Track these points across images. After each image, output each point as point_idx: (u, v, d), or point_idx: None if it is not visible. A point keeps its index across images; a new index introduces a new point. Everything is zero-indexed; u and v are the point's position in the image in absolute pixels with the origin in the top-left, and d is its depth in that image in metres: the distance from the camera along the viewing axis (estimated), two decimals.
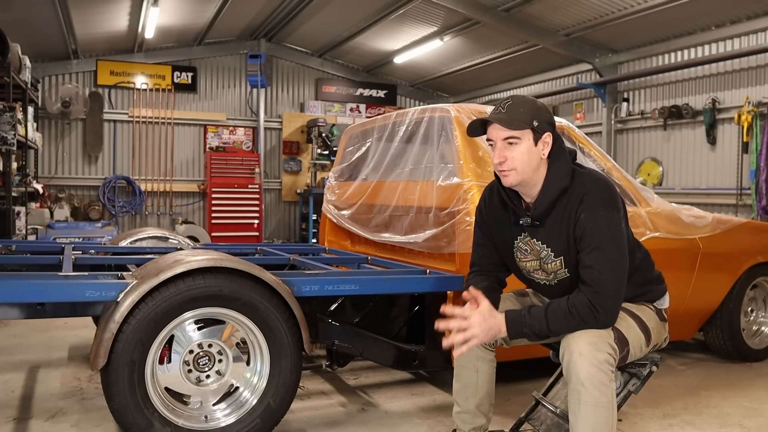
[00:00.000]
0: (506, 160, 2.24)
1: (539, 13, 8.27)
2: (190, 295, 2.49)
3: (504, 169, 2.26)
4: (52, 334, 4.73)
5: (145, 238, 4.46)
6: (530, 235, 2.36)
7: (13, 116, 6.05)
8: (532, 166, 2.26)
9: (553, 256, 2.32)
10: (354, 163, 4.40)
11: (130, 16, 8.73)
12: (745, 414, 3.30)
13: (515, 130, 2.22)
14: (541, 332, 2.19)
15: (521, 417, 2.67)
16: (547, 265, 2.35)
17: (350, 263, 3.83)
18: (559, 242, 2.29)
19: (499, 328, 2.20)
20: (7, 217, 6.17)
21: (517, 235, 2.41)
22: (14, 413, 3.11)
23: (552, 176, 2.28)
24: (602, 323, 2.15)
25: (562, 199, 2.27)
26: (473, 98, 12.09)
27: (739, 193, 7.42)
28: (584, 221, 2.20)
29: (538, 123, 2.24)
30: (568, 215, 2.25)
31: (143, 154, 10.70)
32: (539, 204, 2.29)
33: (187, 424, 2.57)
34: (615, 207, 2.23)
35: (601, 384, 2.06)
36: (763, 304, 4.41)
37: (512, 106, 2.25)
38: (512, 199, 2.37)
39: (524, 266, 2.44)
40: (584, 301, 2.14)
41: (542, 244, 2.34)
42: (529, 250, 2.39)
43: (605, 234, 2.18)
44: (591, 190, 2.24)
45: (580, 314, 2.13)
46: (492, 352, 2.49)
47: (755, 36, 7.29)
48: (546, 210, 2.29)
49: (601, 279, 2.14)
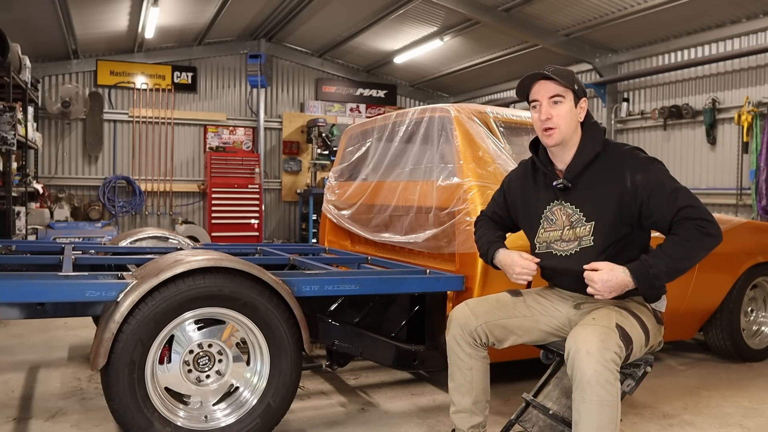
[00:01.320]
0: (552, 117, 2.35)
1: (539, 13, 8.27)
2: (190, 295, 2.49)
3: (549, 127, 2.36)
4: (52, 334, 4.73)
5: (145, 238, 4.46)
6: (563, 199, 2.42)
7: (13, 116, 6.04)
8: (572, 126, 2.38)
9: (584, 220, 2.37)
10: (354, 163, 4.40)
11: (130, 16, 8.73)
12: (745, 414, 3.30)
13: (563, 87, 2.35)
14: (668, 269, 2.18)
15: (511, 419, 2.65)
16: (576, 229, 2.38)
17: (350, 263, 3.83)
18: (595, 206, 2.34)
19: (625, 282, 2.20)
20: (7, 217, 6.17)
21: (549, 201, 2.47)
22: (14, 413, 3.11)
23: (586, 140, 2.40)
24: (716, 240, 2.19)
25: (594, 163, 2.37)
26: (473, 98, 12.08)
27: (739, 193, 7.42)
28: (644, 181, 2.26)
29: (578, 87, 2.39)
30: (612, 180, 2.31)
31: (143, 154, 10.70)
32: (573, 167, 2.39)
33: (187, 424, 2.57)
34: (657, 160, 2.34)
35: (607, 383, 2.06)
36: (763, 304, 4.42)
37: (556, 70, 2.38)
38: (546, 165, 2.47)
39: (546, 237, 2.48)
40: (691, 230, 2.18)
41: (575, 207, 2.40)
42: (556, 219, 2.44)
43: (670, 179, 2.28)
44: (631, 154, 2.35)
45: (694, 239, 2.17)
46: (484, 350, 2.50)
47: (755, 36, 7.29)
48: (580, 172, 2.38)
49: (693, 211, 2.20)
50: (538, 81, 2.40)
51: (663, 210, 2.24)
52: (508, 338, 2.49)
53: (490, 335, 2.46)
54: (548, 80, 2.37)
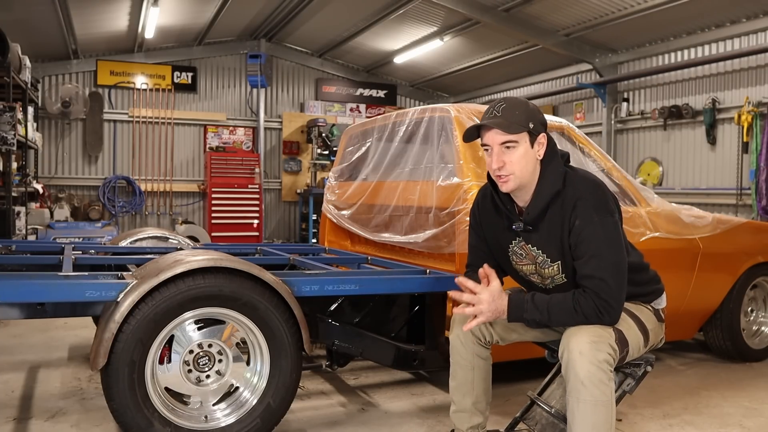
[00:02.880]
0: (505, 165, 2.21)
1: (539, 13, 8.27)
2: (190, 295, 2.49)
3: (503, 174, 2.22)
4: (52, 334, 4.73)
5: (145, 238, 4.46)
6: (524, 240, 2.34)
7: (13, 116, 6.04)
8: (529, 169, 2.23)
9: (549, 261, 2.30)
10: (354, 163, 4.40)
11: (130, 16, 8.73)
12: (745, 414, 3.30)
13: (513, 134, 2.18)
14: (540, 322, 2.20)
15: (516, 417, 2.67)
16: (544, 270, 2.34)
17: (350, 263, 3.83)
18: (554, 248, 2.27)
19: (503, 310, 2.22)
20: (7, 217, 6.17)
21: (511, 239, 2.39)
22: (14, 413, 3.11)
23: (544, 180, 2.25)
24: (607, 323, 2.16)
25: (555, 203, 2.24)
26: (473, 98, 12.09)
27: (739, 193, 7.42)
28: (579, 228, 2.18)
29: (534, 124, 2.21)
30: (562, 220, 2.22)
31: (143, 154, 10.70)
32: (531, 209, 2.26)
33: (187, 424, 2.57)
34: (608, 211, 2.20)
35: (600, 383, 2.06)
36: (763, 304, 4.41)
37: (507, 109, 2.20)
38: (505, 204, 2.34)
39: (521, 269, 2.44)
40: (590, 303, 2.13)
41: (537, 249, 2.32)
42: (524, 254, 2.38)
43: (601, 240, 2.16)
44: (583, 194, 2.20)
45: (585, 314, 2.14)
46: (487, 349, 2.50)
47: (755, 36, 7.29)
48: (539, 215, 2.26)
49: (603, 285, 2.13)
50: (487, 129, 2.21)
51: (579, 264, 2.19)
52: (510, 336, 2.49)
53: (493, 333, 2.47)
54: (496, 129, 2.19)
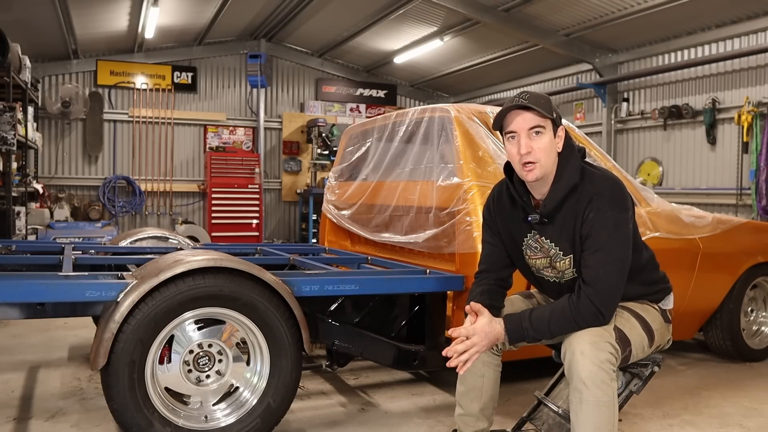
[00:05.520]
0: (532, 151, 2.17)
1: (539, 13, 8.27)
2: (190, 295, 2.49)
3: (530, 161, 2.17)
4: (52, 334, 4.73)
5: (145, 238, 4.46)
6: (539, 233, 2.33)
7: (13, 116, 6.05)
8: (551, 159, 2.21)
9: (562, 254, 2.29)
10: (354, 163, 4.40)
11: (130, 16, 8.73)
12: (745, 414, 3.30)
13: (543, 118, 2.17)
14: (542, 336, 2.20)
15: (523, 417, 2.67)
16: (557, 263, 2.33)
17: (350, 263, 3.83)
18: (567, 241, 2.26)
19: (497, 336, 2.22)
20: (7, 217, 6.17)
21: (526, 232, 2.37)
22: (14, 413, 3.11)
23: (563, 173, 2.23)
24: (603, 324, 2.16)
25: (571, 196, 2.23)
26: (473, 98, 12.09)
27: (739, 193, 7.42)
28: (592, 220, 2.17)
29: (556, 115, 2.22)
30: (576, 214, 2.22)
31: (143, 154, 10.69)
32: (549, 201, 2.24)
33: (187, 424, 2.57)
34: (624, 207, 2.19)
35: (602, 383, 2.06)
36: (763, 304, 4.41)
37: (532, 97, 2.18)
38: (521, 196, 2.32)
39: (533, 264, 2.42)
40: (587, 304, 2.13)
41: (551, 242, 2.31)
42: (539, 247, 2.36)
43: (611, 235, 2.15)
44: (600, 189, 2.19)
45: (584, 317, 2.14)
46: (498, 356, 2.46)
47: (755, 36, 7.29)
48: (555, 207, 2.24)
49: (602, 280, 2.14)
50: (513, 111, 2.19)
51: (584, 255, 2.19)
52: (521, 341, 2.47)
53: None
54: (526, 110, 2.16)
